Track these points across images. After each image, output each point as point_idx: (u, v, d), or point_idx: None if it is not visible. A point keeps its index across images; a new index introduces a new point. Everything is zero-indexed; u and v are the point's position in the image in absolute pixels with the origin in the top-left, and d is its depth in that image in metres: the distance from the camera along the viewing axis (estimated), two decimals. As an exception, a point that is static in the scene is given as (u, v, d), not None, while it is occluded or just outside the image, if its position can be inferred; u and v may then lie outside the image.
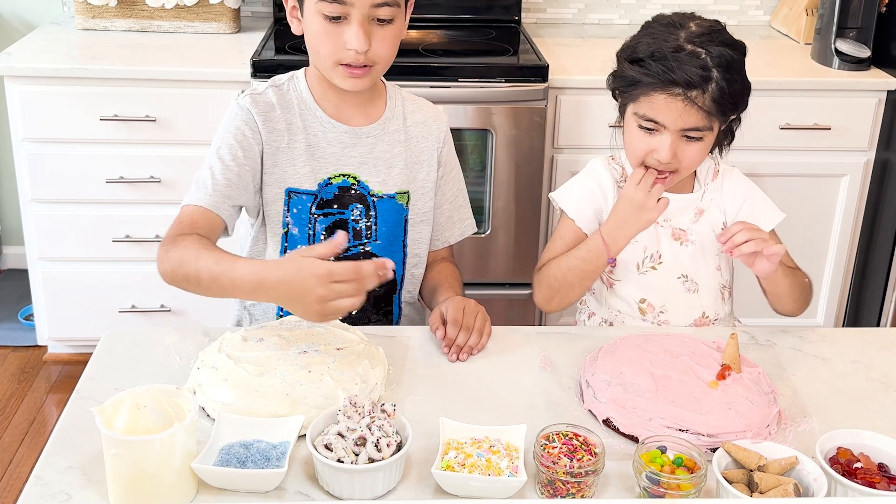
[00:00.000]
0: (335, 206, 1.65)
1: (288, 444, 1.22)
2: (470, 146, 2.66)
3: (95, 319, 2.74)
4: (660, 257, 1.68)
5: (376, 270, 1.28)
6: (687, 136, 1.57)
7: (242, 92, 1.65)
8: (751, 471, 1.19)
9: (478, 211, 2.69)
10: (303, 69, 1.66)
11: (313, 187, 1.63)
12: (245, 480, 1.18)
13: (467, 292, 1.72)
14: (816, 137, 2.70)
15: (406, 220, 1.70)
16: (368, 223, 1.67)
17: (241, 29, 2.92)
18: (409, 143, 1.68)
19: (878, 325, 2.83)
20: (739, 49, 1.58)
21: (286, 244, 1.66)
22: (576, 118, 2.63)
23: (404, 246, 1.72)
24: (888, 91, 2.67)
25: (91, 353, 1.49)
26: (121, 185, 2.60)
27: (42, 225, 2.67)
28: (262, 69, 2.48)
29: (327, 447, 1.18)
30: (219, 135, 1.61)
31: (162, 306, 2.75)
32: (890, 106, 2.68)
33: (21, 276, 3.08)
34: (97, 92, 2.53)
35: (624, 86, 1.61)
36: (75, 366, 2.85)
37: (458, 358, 1.49)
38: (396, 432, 1.22)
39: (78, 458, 1.23)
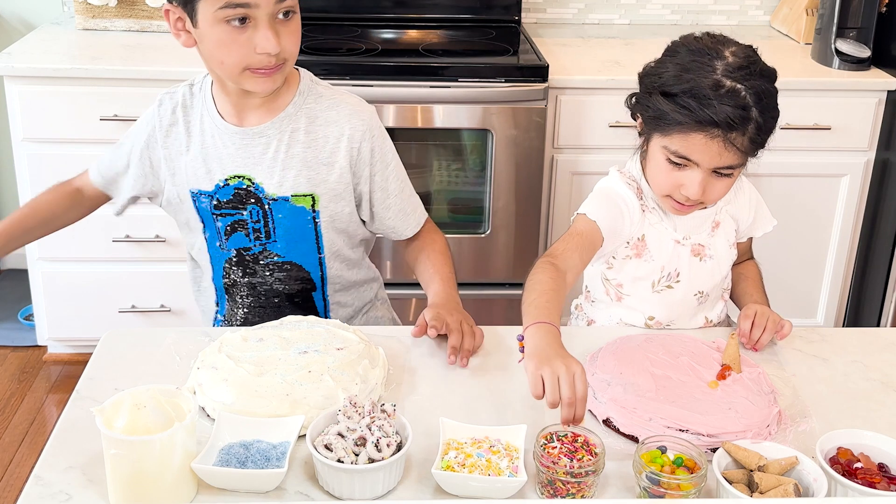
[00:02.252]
0: (233, 207, 1.64)
1: (288, 444, 1.22)
2: (470, 146, 2.66)
3: (95, 319, 2.74)
4: (678, 275, 1.62)
5: None
6: (718, 173, 1.50)
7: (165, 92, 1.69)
8: (751, 471, 1.19)
9: (478, 211, 2.70)
10: None
11: (210, 188, 1.63)
12: (245, 480, 1.18)
13: (467, 294, 1.71)
14: (816, 137, 2.69)
15: (315, 222, 1.64)
16: (267, 225, 1.64)
17: (241, 29, 2.92)
18: (316, 144, 1.61)
19: (878, 325, 2.83)
20: (773, 78, 1.51)
21: (205, 242, 1.70)
22: (576, 118, 2.63)
23: (318, 247, 1.67)
24: (888, 91, 2.67)
25: (91, 353, 1.49)
26: (121, 185, 2.60)
27: (42, 225, 2.66)
28: (262, 69, 2.48)
29: (327, 447, 1.18)
30: (132, 130, 1.70)
31: (162, 306, 2.75)
32: (890, 106, 2.68)
33: (21, 276, 3.08)
34: (97, 92, 2.53)
35: (653, 116, 1.50)
36: (75, 366, 2.85)
37: (457, 362, 1.48)
38: (396, 432, 1.22)
39: (78, 458, 1.23)
